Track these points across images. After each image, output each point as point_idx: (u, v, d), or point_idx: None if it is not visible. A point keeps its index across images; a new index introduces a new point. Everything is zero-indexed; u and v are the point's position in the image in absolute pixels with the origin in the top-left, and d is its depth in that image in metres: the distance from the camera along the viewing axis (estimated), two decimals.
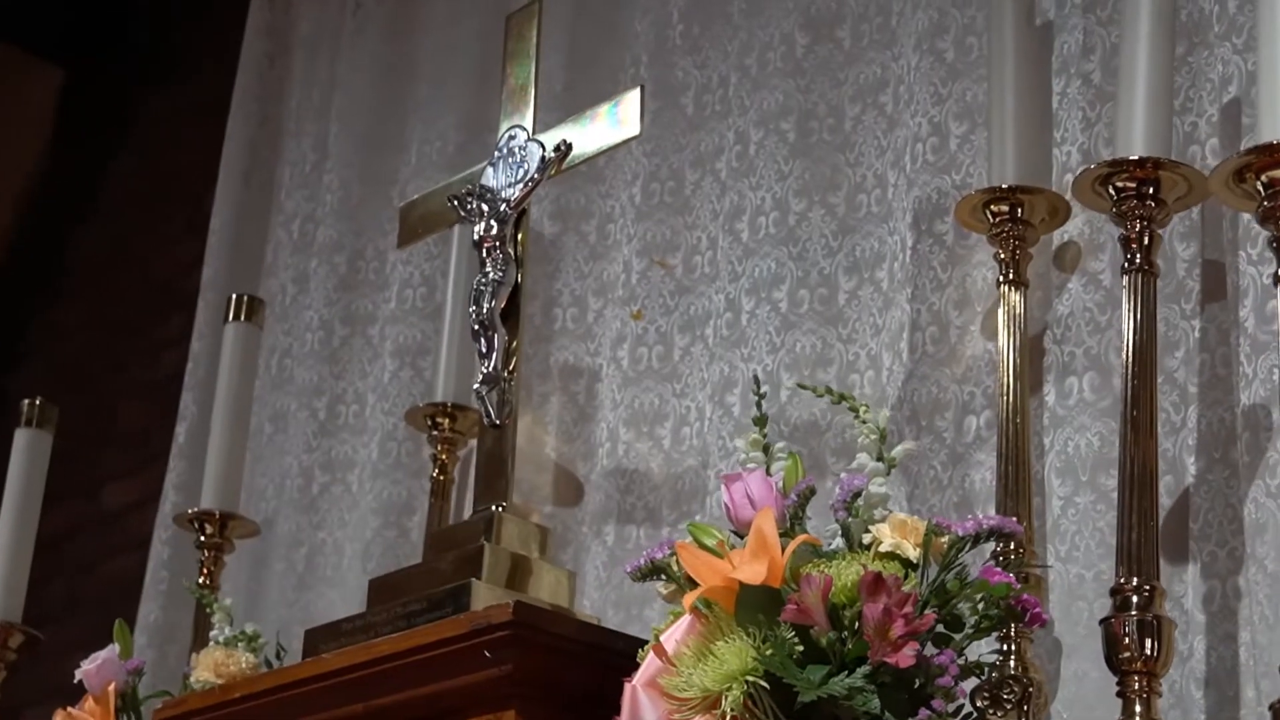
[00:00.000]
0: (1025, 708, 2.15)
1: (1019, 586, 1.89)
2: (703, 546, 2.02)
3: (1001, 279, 2.38)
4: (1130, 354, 2.07)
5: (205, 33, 4.43)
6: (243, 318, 3.23)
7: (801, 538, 1.96)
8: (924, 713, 1.81)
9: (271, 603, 3.40)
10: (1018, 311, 2.35)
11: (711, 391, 2.85)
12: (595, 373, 3.10)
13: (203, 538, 3.11)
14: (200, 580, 3.09)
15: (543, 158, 2.59)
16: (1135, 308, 2.09)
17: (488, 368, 2.53)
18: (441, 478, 3.07)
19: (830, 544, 2.02)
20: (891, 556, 1.96)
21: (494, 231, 2.57)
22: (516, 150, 2.62)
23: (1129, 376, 2.07)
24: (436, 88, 3.62)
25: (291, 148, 3.91)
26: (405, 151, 3.57)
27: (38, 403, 3.27)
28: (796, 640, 1.87)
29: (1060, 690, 2.28)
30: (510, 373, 2.54)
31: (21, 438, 3.24)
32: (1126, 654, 1.95)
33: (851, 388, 2.70)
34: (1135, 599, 1.96)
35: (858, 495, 2.03)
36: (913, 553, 1.95)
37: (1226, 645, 2.16)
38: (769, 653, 1.85)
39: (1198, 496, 2.24)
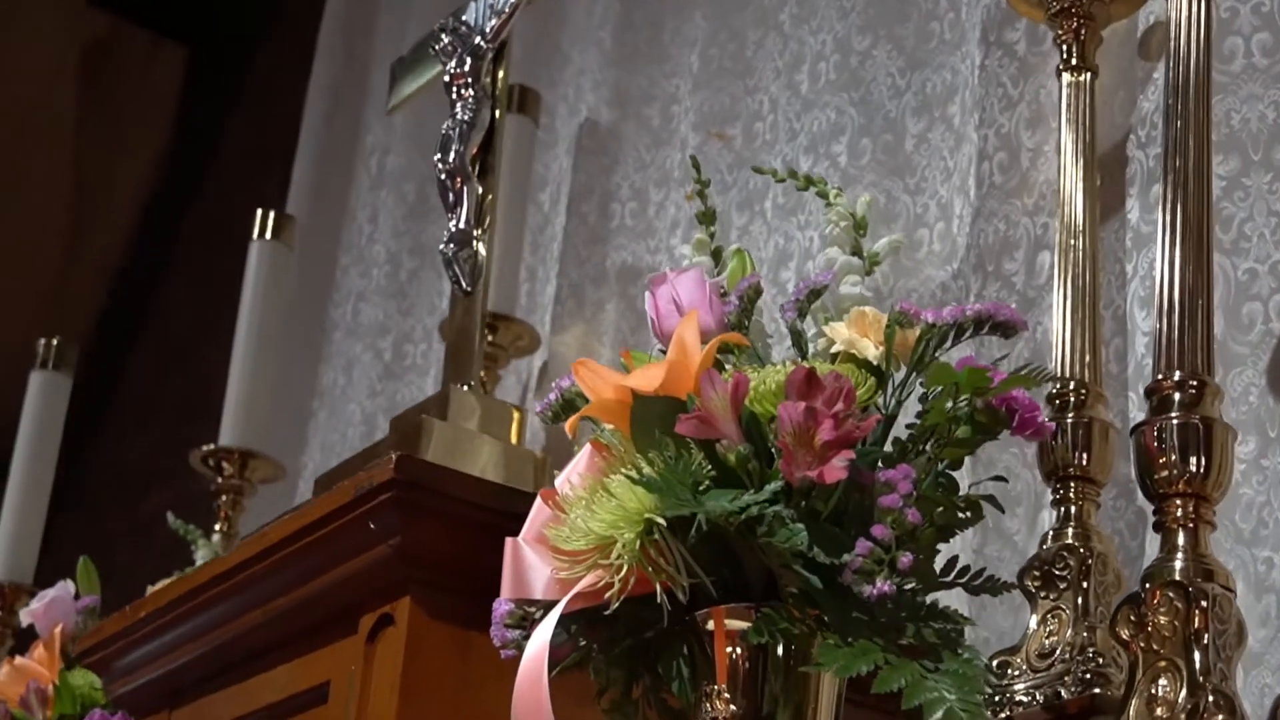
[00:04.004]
0: (1085, 585, 1.62)
1: (1001, 377, 1.37)
2: None
3: (1062, 65, 1.87)
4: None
5: None
6: (268, 235, 2.86)
7: (723, 336, 1.48)
8: (862, 544, 1.32)
9: None
10: (1083, 104, 1.84)
11: (767, 270, 2.38)
12: (656, 271, 2.65)
13: (220, 479, 2.74)
14: (218, 527, 2.71)
15: None
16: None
17: (457, 224, 2.10)
18: None
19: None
20: (848, 359, 1.47)
21: (466, 68, 2.14)
22: None
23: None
24: None
25: (376, 82, 3.55)
26: None
27: (55, 343, 2.95)
28: (708, 466, 1.40)
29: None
30: (483, 231, 2.10)
31: (37, 380, 2.93)
32: (1164, 472, 1.41)
33: (919, 244, 2.21)
34: (1178, 397, 1.43)
35: (817, 294, 1.54)
36: (873, 352, 1.45)
37: None
38: (661, 472, 1.37)
39: None
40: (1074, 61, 1.86)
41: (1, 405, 3.42)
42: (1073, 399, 1.71)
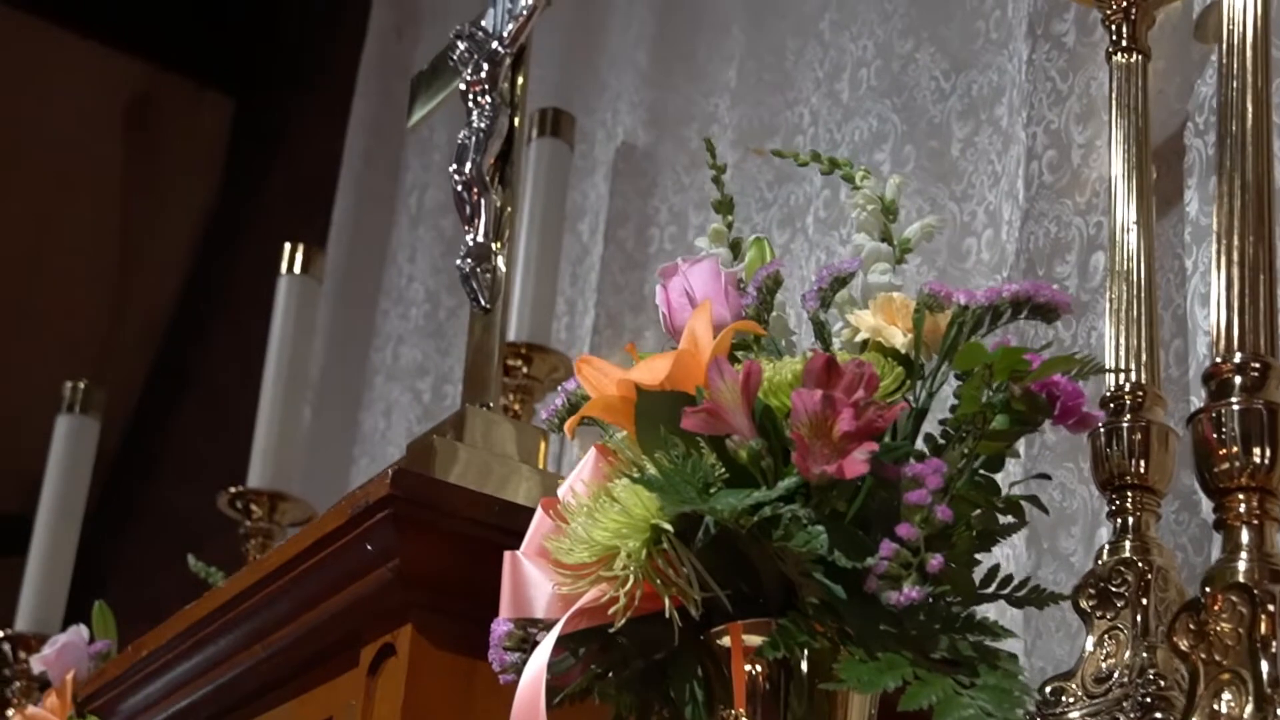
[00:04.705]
0: (1144, 601, 1.48)
1: (1039, 361, 1.24)
2: None
3: (1111, 48, 1.74)
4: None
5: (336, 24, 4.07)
6: (296, 269, 2.76)
7: (737, 324, 1.36)
8: (887, 546, 1.19)
9: None
10: (1135, 88, 1.72)
11: (808, 288, 2.25)
12: None
13: (248, 522, 2.63)
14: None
15: None
16: None
17: (474, 238, 1.99)
18: None
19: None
20: (876, 350, 1.34)
21: (483, 75, 2.04)
22: None
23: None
24: None
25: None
26: None
27: (81, 386, 2.87)
28: (720, 465, 1.27)
29: None
30: (502, 245, 1.99)
31: (64, 425, 2.84)
32: (1225, 465, 1.27)
33: (967, 254, 2.08)
34: (1238, 380, 1.29)
35: (842, 282, 1.41)
36: (900, 339, 1.32)
37: None
38: (664, 470, 1.24)
39: None
40: (1124, 43, 1.73)
41: None
42: (1129, 402, 1.57)
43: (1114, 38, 1.75)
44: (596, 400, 1.34)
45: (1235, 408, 1.29)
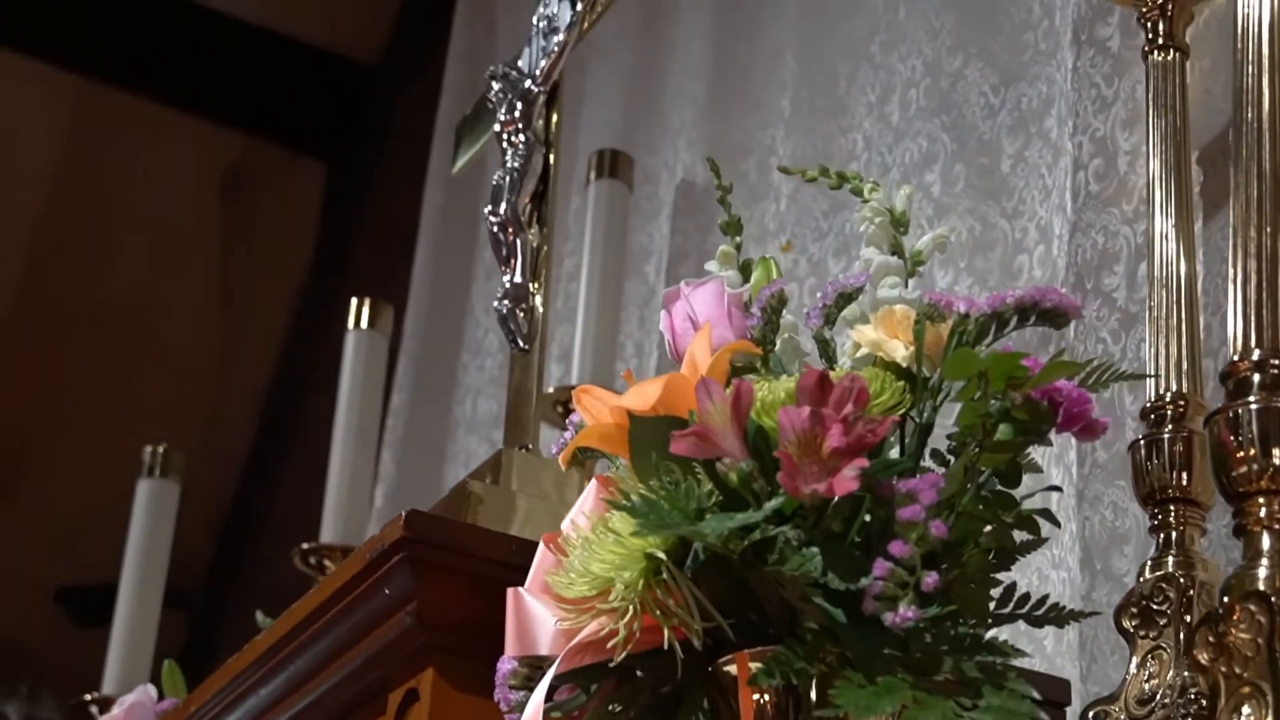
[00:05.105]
0: (1187, 618, 1.41)
1: (1039, 365, 1.18)
2: None
3: (1147, 46, 1.69)
4: None
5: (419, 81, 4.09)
6: (363, 324, 2.75)
7: (734, 344, 1.32)
8: (880, 565, 1.13)
9: None
10: (1173, 87, 1.66)
11: None
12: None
13: (322, 577, 2.61)
14: None
15: (574, 13, 2.03)
16: None
17: (511, 279, 1.96)
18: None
19: None
20: (882, 366, 1.29)
21: (516, 114, 2.02)
22: (549, 17, 2.07)
23: None
24: None
25: (490, 171, 3.45)
26: None
27: (160, 450, 2.88)
28: (713, 490, 1.23)
29: None
30: (539, 285, 1.96)
31: (144, 489, 2.85)
32: (1243, 468, 1.20)
33: (1019, 273, 2.03)
34: (1258, 378, 1.22)
35: (848, 298, 1.37)
36: (902, 352, 1.27)
37: None
38: (650, 496, 1.20)
39: None
40: (1160, 41, 1.67)
41: None
42: (1170, 412, 1.50)
43: (1150, 35, 1.69)
44: (591, 429, 1.30)
45: (1253, 407, 1.22)
